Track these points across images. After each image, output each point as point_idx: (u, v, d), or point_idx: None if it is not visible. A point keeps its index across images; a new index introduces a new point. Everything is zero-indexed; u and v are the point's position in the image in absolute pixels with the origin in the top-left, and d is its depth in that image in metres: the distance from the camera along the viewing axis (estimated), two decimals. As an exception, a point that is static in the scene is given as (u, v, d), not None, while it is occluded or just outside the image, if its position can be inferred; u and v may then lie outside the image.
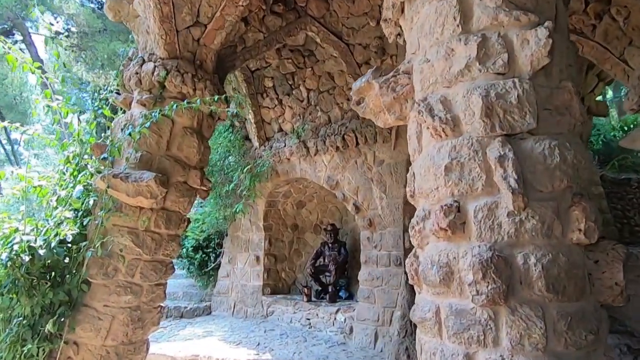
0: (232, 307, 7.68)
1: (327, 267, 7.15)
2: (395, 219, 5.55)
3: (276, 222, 7.80)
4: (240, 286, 7.69)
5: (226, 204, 7.14)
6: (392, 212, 5.54)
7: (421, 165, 1.85)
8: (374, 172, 5.58)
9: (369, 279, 5.83)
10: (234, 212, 6.94)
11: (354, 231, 7.70)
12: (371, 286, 5.80)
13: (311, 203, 7.99)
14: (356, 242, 7.58)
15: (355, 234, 7.67)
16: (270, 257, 7.65)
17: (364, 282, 5.92)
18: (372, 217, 5.81)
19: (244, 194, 6.91)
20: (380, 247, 5.79)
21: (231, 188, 6.79)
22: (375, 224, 5.82)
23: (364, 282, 5.92)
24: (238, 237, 7.95)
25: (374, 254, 5.87)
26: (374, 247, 5.87)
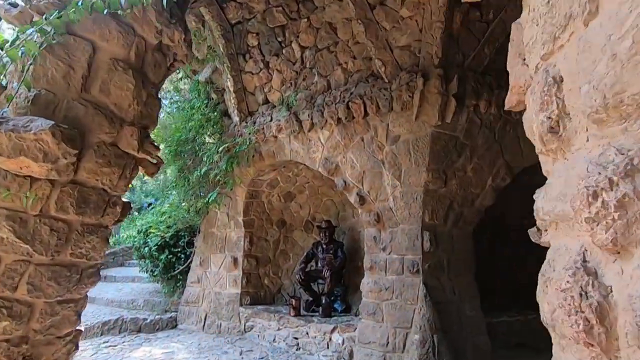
0: (203, 320, 6.41)
1: (320, 272, 5.94)
2: (411, 214, 4.37)
3: (259, 217, 6.56)
4: (214, 294, 6.43)
5: (198, 193, 5.87)
6: (407, 205, 4.36)
7: None
8: (386, 152, 4.39)
9: (375, 289, 4.64)
10: (206, 202, 5.68)
11: (353, 230, 6.51)
12: (378, 299, 4.61)
13: (302, 195, 6.77)
14: (355, 243, 6.40)
15: (354, 233, 6.49)
16: (251, 259, 6.41)
17: (369, 294, 4.73)
18: (381, 211, 4.63)
19: (219, 181, 5.65)
20: (390, 249, 4.61)
21: (203, 172, 5.53)
22: (385, 220, 4.64)
23: (369, 293, 4.73)
24: (212, 234, 6.69)
25: (382, 257, 4.68)
26: (382, 249, 4.69)
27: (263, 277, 6.56)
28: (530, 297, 4.99)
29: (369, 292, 4.74)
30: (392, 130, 4.28)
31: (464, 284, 4.56)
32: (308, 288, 5.99)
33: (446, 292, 4.40)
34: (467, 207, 4.56)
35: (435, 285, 4.35)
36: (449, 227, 4.55)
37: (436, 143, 4.05)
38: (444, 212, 4.43)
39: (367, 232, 4.90)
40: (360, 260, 6.34)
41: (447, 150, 4.14)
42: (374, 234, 4.81)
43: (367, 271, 4.84)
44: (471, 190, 4.48)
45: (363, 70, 4.41)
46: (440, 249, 4.45)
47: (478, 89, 3.88)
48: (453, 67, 3.81)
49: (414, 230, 4.42)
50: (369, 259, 4.82)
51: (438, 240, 4.43)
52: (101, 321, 6.05)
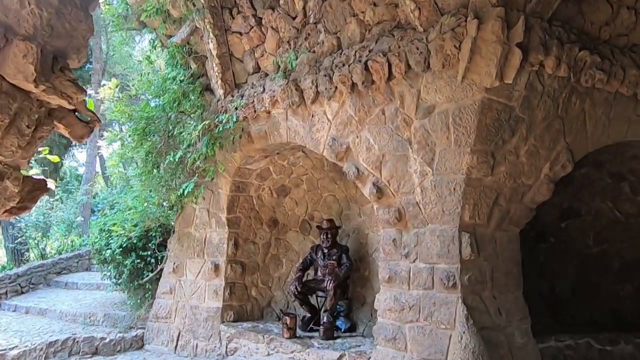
0: (175, 340, 5.33)
1: (320, 283, 4.93)
2: (446, 210, 3.39)
3: (246, 215, 5.51)
4: (189, 308, 5.36)
5: (170, 183, 4.79)
6: (441, 198, 3.38)
7: None
8: (415, 129, 3.40)
9: (396, 308, 3.65)
10: (181, 195, 4.61)
11: (359, 232, 5.52)
12: (399, 320, 3.62)
13: (298, 190, 5.75)
14: (362, 248, 5.41)
15: (360, 236, 5.49)
16: (236, 265, 5.36)
17: (387, 313, 3.73)
18: (404, 207, 3.64)
19: (197, 168, 4.59)
20: (415, 255, 3.62)
21: (177, 157, 4.46)
22: (409, 218, 3.65)
23: (386, 312, 3.73)
24: (189, 235, 5.62)
25: (403, 266, 3.69)
26: (404, 255, 3.70)
27: (250, 288, 5.51)
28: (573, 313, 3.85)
29: (387, 311, 3.74)
30: (425, 99, 3.29)
31: (511, 303, 3.59)
32: (305, 302, 4.96)
33: (490, 314, 3.41)
34: (515, 202, 3.59)
35: (477, 305, 3.36)
36: (492, 229, 3.58)
37: (486, 114, 3.07)
38: (488, 208, 3.45)
39: (384, 234, 3.90)
40: (367, 268, 5.35)
41: (498, 126, 3.17)
42: (394, 235, 3.82)
43: (384, 284, 3.83)
44: (522, 181, 3.51)
45: (386, 20, 3.41)
46: (482, 257, 3.46)
47: (546, 41, 2.91)
48: (514, 10, 2.84)
49: (449, 231, 3.43)
50: (386, 268, 3.82)
51: (479, 244, 3.45)
52: (46, 342, 4.93)
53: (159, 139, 4.65)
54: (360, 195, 5.36)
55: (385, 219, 3.83)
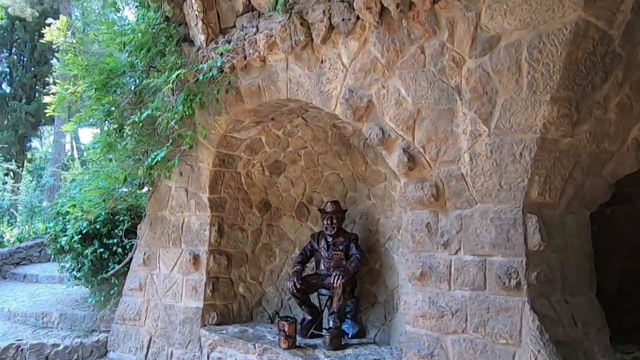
0: (146, 347, 4.36)
1: (322, 279, 4.02)
2: (506, 183, 2.49)
3: (233, 196, 4.53)
4: (163, 308, 4.38)
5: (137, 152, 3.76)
6: (500, 167, 2.47)
7: None
8: (469, 71, 2.47)
9: (432, 314, 2.75)
10: (149, 166, 3.58)
11: (369, 217, 4.60)
12: (437, 330, 2.72)
13: (295, 166, 4.79)
14: (371, 237, 4.51)
15: (369, 222, 4.59)
16: (220, 256, 4.40)
17: (419, 320, 2.83)
18: (444, 180, 2.72)
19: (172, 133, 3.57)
20: (458, 245, 2.73)
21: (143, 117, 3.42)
22: (450, 196, 2.74)
23: (419, 319, 2.83)
24: (163, 219, 4.62)
25: (441, 259, 2.79)
26: (441, 244, 2.79)
27: (237, 284, 4.55)
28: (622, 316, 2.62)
29: (419, 318, 2.83)
30: (487, 27, 2.35)
31: (585, 308, 2.72)
32: (305, 301, 4.04)
33: (564, 324, 2.52)
34: (592, 175, 2.71)
35: (547, 312, 2.48)
36: (561, 210, 2.69)
37: (579, 45, 2.15)
38: (562, 182, 2.55)
39: (414, 218, 2.98)
40: (378, 260, 4.44)
41: (591, 64, 2.25)
42: (427, 219, 2.89)
43: (415, 282, 2.92)
44: (605, 146, 2.61)
45: None
46: (550, 248, 2.56)
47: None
48: None
49: (508, 212, 2.53)
50: (417, 262, 2.91)
51: (548, 231, 2.55)
52: (-20, 351, 3.90)
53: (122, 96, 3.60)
54: (370, 174, 4.43)
55: (416, 197, 2.90)
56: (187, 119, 3.64)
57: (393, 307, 4.10)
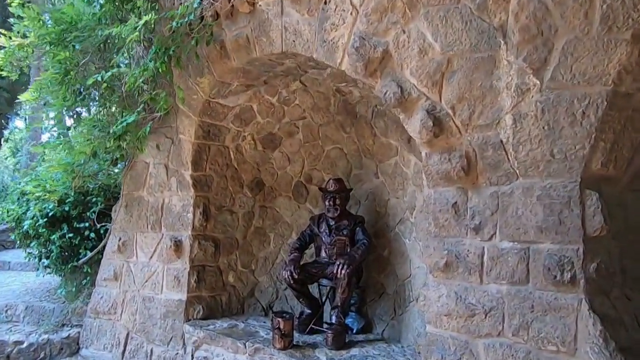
0: (123, 344, 3.94)
1: (324, 267, 3.59)
2: (560, 151, 2.03)
3: (220, 174, 4.05)
4: (142, 301, 3.95)
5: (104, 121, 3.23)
6: (554, 131, 2.00)
7: None
8: (519, 5, 1.94)
9: (460, 312, 2.33)
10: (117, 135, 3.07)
11: (376, 198, 4.16)
12: (467, 332, 2.30)
13: (292, 140, 4.30)
14: (380, 220, 4.08)
15: (377, 204, 4.15)
16: (206, 242, 3.94)
17: (443, 320, 2.40)
18: (477, 149, 2.25)
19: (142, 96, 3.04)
20: (493, 229, 2.29)
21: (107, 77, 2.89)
22: (484, 168, 2.27)
23: (443, 319, 2.40)
24: (141, 200, 4.14)
25: (472, 246, 2.35)
26: (472, 229, 2.36)
27: (226, 273, 4.11)
28: None
29: (443, 317, 2.40)
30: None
31: (648, 305, 2.27)
32: (303, 293, 3.61)
33: (626, 325, 2.09)
34: (662, 143, 2.21)
35: (607, 311, 2.04)
36: (622, 187, 2.22)
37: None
38: (630, 151, 2.08)
39: (436, 196, 2.52)
40: (386, 246, 4.00)
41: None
42: (454, 197, 2.44)
43: (437, 273, 2.48)
44: (682, 106, 2.11)
45: None
46: (611, 233, 2.11)
47: None
48: None
49: (561, 189, 2.07)
50: (439, 249, 2.47)
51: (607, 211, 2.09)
52: None
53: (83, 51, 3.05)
54: (379, 147, 3.94)
55: (441, 171, 2.42)
56: (162, 79, 3.11)
57: (404, 299, 3.69)
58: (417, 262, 3.57)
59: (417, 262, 3.58)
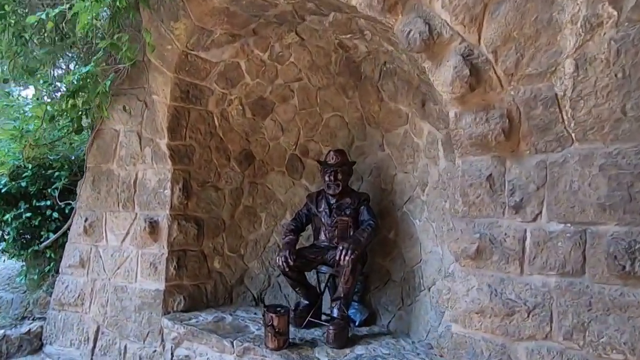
0: (92, 340, 3.57)
1: (324, 252, 3.20)
2: (633, 107, 1.59)
3: (203, 144, 3.61)
4: (113, 291, 3.56)
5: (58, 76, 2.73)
6: (628, 81, 1.58)
7: None
8: None
9: (496, 309, 1.95)
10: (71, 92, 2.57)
11: (382, 173, 3.80)
12: (503, 334, 1.93)
13: (286, 106, 3.86)
14: (385, 198, 3.73)
15: (383, 180, 3.82)
16: (187, 223, 3.54)
17: (473, 318, 2.03)
18: (523, 106, 1.84)
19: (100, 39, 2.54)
20: (538, 207, 1.91)
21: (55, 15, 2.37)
22: (528, 131, 1.87)
23: (473, 316, 2.03)
24: (110, 174, 3.69)
25: (509, 229, 1.96)
26: (511, 207, 1.95)
27: (211, 258, 3.72)
28: None
29: (473, 315, 2.03)
30: None
31: None
32: (300, 281, 3.24)
33: None
34: None
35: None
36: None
37: None
38: None
39: (465, 167, 2.12)
40: (392, 227, 3.64)
41: None
42: (489, 168, 2.04)
43: (466, 261, 2.10)
44: None
45: None
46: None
47: None
48: None
49: (634, 155, 1.66)
50: (469, 232, 2.09)
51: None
52: None
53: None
54: (386, 115, 3.53)
55: (475, 135, 2.01)
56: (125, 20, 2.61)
57: (413, 288, 3.34)
58: (430, 245, 3.20)
59: (429, 246, 3.21)
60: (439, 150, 3.05)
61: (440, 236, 3.02)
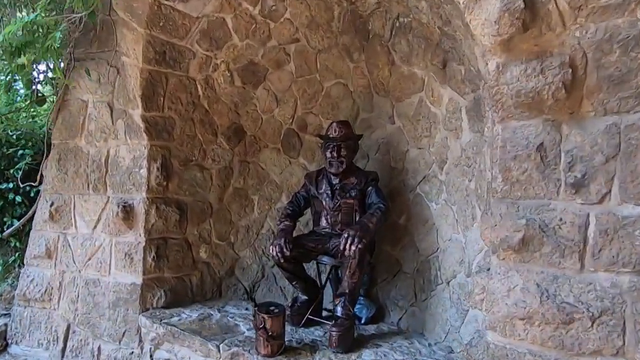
0: (62, 340, 3.20)
1: (326, 241, 2.81)
2: None
3: (185, 116, 3.18)
4: (84, 285, 3.18)
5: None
6: None
7: None
8: None
9: (546, 316, 1.57)
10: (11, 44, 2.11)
11: (391, 149, 3.41)
12: (558, 348, 1.57)
13: (281, 72, 3.42)
14: (395, 177, 3.33)
15: (392, 157, 3.46)
16: (168, 208, 3.13)
17: (513, 325, 1.63)
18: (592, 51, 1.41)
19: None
20: (607, 184, 1.54)
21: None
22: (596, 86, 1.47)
23: (514, 323, 1.63)
24: (78, 152, 3.27)
25: (565, 213, 1.58)
26: (568, 185, 1.53)
27: (196, 247, 3.32)
28: None
29: (517, 322, 1.64)
30: None
31: None
32: (297, 274, 2.85)
33: None
34: None
35: None
36: None
37: None
38: None
39: (507, 134, 1.69)
40: (404, 211, 3.24)
41: None
42: (540, 135, 1.63)
43: (504, 253, 1.70)
44: None
45: None
46: None
47: None
48: None
49: None
50: (511, 216, 1.68)
51: None
52: None
53: None
54: (398, 80, 3.10)
55: (524, 91, 1.59)
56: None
57: (429, 281, 2.96)
58: (449, 232, 2.80)
59: (448, 233, 2.82)
60: (462, 121, 2.63)
61: (462, 221, 2.61)
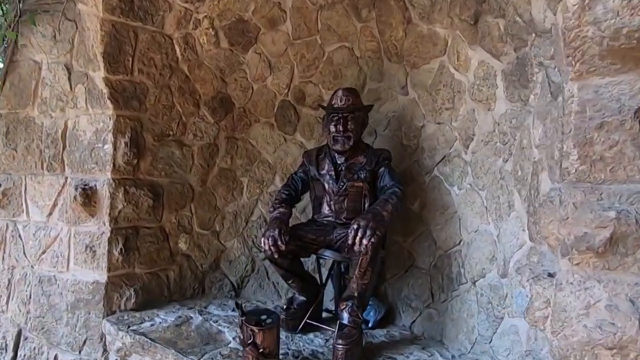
0: (12, 348, 2.81)
1: (328, 232, 2.36)
2: None
3: (159, 82, 2.71)
4: (38, 283, 2.75)
5: None
6: None
7: None
8: None
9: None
10: None
11: (403, 123, 2.96)
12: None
13: (275, 33, 2.98)
14: (408, 157, 2.91)
15: (405, 132, 3.02)
16: (138, 190, 2.69)
17: (592, 354, 1.18)
18: None
19: None
20: None
21: None
22: None
23: (593, 351, 1.23)
24: (29, 123, 2.80)
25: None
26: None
27: (174, 236, 2.89)
28: None
29: (600, 351, 1.21)
30: None
31: None
32: (294, 272, 2.45)
33: None
34: None
35: None
36: None
37: None
38: None
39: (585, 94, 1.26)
40: (417, 197, 2.82)
41: None
42: (636, 97, 1.13)
43: (580, 256, 1.27)
44: None
45: None
46: None
47: None
48: None
49: None
50: (591, 206, 1.23)
51: None
52: None
53: None
54: (414, 42, 2.71)
55: (624, 32, 1.12)
56: None
57: (450, 279, 2.57)
58: (476, 222, 2.40)
59: (474, 223, 2.41)
60: (497, 88, 2.20)
61: (495, 210, 2.20)
